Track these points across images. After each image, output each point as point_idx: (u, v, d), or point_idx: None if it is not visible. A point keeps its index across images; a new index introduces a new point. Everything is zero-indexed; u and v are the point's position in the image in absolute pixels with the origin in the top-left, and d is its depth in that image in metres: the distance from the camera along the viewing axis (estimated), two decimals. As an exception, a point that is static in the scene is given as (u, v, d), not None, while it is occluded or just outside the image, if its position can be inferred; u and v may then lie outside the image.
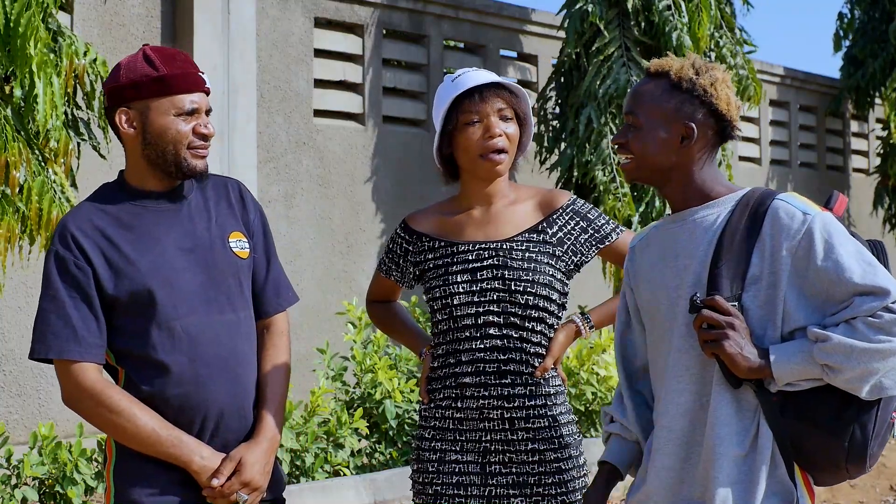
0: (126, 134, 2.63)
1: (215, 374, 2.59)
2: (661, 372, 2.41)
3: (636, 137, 2.40)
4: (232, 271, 2.66)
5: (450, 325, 2.87)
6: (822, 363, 2.23)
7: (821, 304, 2.27)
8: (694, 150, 2.38)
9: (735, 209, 2.35)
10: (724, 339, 2.25)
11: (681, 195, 2.42)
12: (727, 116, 2.39)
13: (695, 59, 2.42)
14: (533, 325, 2.84)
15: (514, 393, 2.82)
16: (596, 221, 2.92)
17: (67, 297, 2.54)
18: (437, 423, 2.90)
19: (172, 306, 2.56)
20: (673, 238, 2.42)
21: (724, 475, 2.28)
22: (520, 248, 2.85)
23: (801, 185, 12.68)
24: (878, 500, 6.89)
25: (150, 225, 2.61)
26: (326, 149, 8.33)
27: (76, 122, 5.21)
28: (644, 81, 2.44)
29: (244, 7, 7.69)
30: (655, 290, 2.43)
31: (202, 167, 2.65)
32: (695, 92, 2.37)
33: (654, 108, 2.39)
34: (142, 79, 2.59)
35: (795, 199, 2.33)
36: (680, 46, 8.28)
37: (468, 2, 9.15)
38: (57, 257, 2.57)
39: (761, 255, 2.29)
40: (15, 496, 4.98)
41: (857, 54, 12.91)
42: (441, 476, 2.87)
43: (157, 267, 2.57)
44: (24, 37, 4.48)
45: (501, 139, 2.84)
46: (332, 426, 5.88)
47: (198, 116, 2.63)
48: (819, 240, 2.26)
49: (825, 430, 2.26)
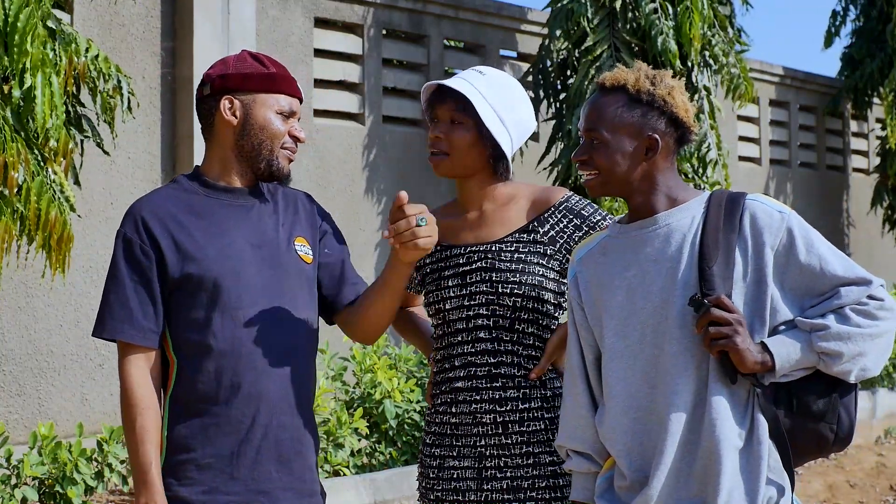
0: (225, 122, 2.67)
1: (272, 367, 2.60)
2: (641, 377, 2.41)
3: (601, 153, 2.44)
4: (296, 271, 2.69)
5: (444, 329, 2.86)
6: (819, 351, 2.32)
7: (800, 297, 2.37)
8: (659, 159, 2.44)
9: (708, 211, 2.40)
10: (735, 336, 2.29)
11: (647, 202, 2.46)
12: (686, 123, 2.45)
13: (646, 69, 2.47)
14: (524, 326, 2.80)
15: (506, 396, 2.78)
16: (591, 218, 2.85)
17: (129, 279, 2.58)
18: (436, 429, 2.88)
19: (237, 296, 2.59)
20: (643, 243, 2.45)
21: (727, 469, 2.31)
22: (509, 250, 2.81)
23: (800, 184, 12.68)
24: (878, 500, 6.89)
25: (221, 216, 2.66)
26: (326, 149, 8.33)
27: (79, 120, 5.21)
28: (598, 96, 2.48)
29: (244, 7, 7.69)
30: (632, 295, 2.43)
31: (288, 171, 2.72)
32: (654, 103, 2.43)
33: (617, 123, 2.43)
34: (253, 71, 2.67)
35: (767, 199, 2.41)
36: (665, 51, 8.27)
37: (468, 2, 9.15)
38: (125, 239, 2.61)
39: (744, 254, 2.36)
40: (15, 496, 4.98)
41: (854, 55, 12.92)
42: (441, 482, 2.85)
43: (226, 256, 2.60)
44: (21, 35, 4.48)
45: (438, 142, 2.83)
46: (332, 426, 5.88)
47: (293, 120, 2.71)
48: (799, 236, 2.35)
49: (816, 417, 2.36)
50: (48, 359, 6.71)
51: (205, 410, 2.58)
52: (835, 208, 13.26)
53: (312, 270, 2.74)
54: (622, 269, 2.47)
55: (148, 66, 7.26)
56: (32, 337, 6.62)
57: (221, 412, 2.57)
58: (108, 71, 5.20)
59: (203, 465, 2.57)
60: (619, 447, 2.45)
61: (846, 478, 7.20)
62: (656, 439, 2.39)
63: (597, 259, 2.53)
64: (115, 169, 6.95)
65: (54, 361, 6.75)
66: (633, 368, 2.43)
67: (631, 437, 2.44)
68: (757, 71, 11.83)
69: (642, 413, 2.42)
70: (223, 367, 2.57)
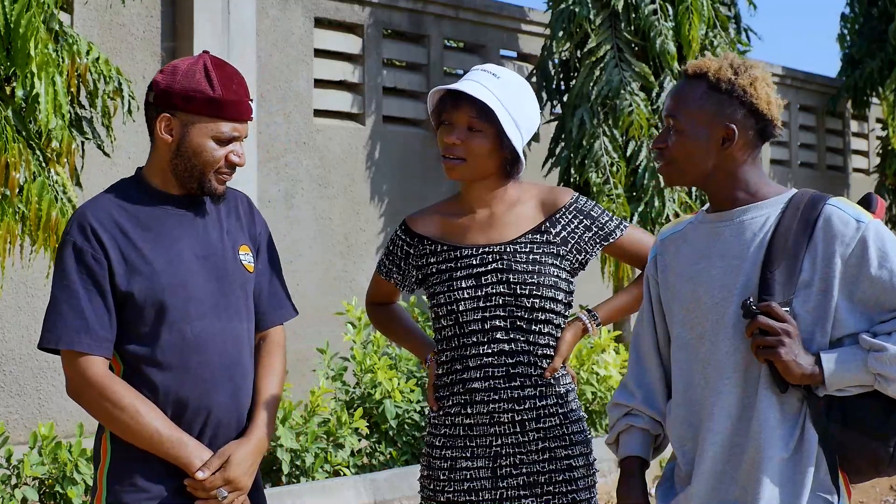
0: (160, 139, 2.61)
1: (218, 381, 2.59)
2: (699, 370, 2.39)
3: (678, 141, 2.39)
4: (240, 282, 2.67)
5: (455, 331, 2.85)
6: (875, 372, 2.25)
7: (869, 311, 2.29)
8: (735, 150, 2.37)
9: (785, 211, 2.34)
10: (780, 347, 2.25)
11: (725, 194, 2.41)
12: (767, 115, 2.38)
13: (733, 58, 2.41)
14: (540, 327, 2.82)
15: (523, 395, 2.80)
16: (600, 219, 2.90)
17: (82, 288, 2.53)
18: (447, 431, 2.87)
19: (184, 310, 2.56)
20: (717, 236, 2.41)
21: (770, 478, 2.28)
22: (524, 251, 2.83)
23: (801, 184, 12.68)
24: (878, 500, 6.88)
25: (168, 227, 2.61)
26: (326, 149, 8.33)
27: (80, 122, 5.21)
28: (682, 83, 2.43)
29: (244, 7, 7.69)
30: (697, 287, 2.41)
31: (222, 192, 2.65)
32: (734, 92, 2.36)
33: (694, 111, 2.37)
34: (195, 93, 2.56)
35: (848, 205, 2.33)
36: (664, 53, 8.26)
37: (468, 2, 9.15)
38: (75, 247, 2.55)
39: (812, 261, 2.30)
40: (15, 496, 4.98)
41: (854, 54, 12.91)
42: (452, 484, 2.85)
43: (173, 269, 2.57)
44: (24, 37, 4.48)
45: (454, 148, 2.81)
46: (332, 426, 5.88)
47: (234, 144, 2.62)
48: (873, 248, 2.27)
49: (871, 436, 2.28)
50: (48, 359, 6.71)
51: None
52: (835, 208, 13.26)
53: (253, 279, 2.72)
54: (695, 260, 2.44)
55: (148, 66, 7.26)
56: (33, 337, 6.62)
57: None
58: (109, 73, 5.20)
59: (148, 473, 2.56)
60: (674, 437, 2.45)
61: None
62: (703, 437, 2.37)
63: (678, 243, 2.50)
64: (116, 170, 6.94)
65: (54, 361, 6.75)
66: (691, 361, 2.41)
67: (686, 428, 2.43)
68: (757, 71, 11.83)
69: (696, 407, 2.41)
70: (169, 380, 2.56)
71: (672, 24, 8.37)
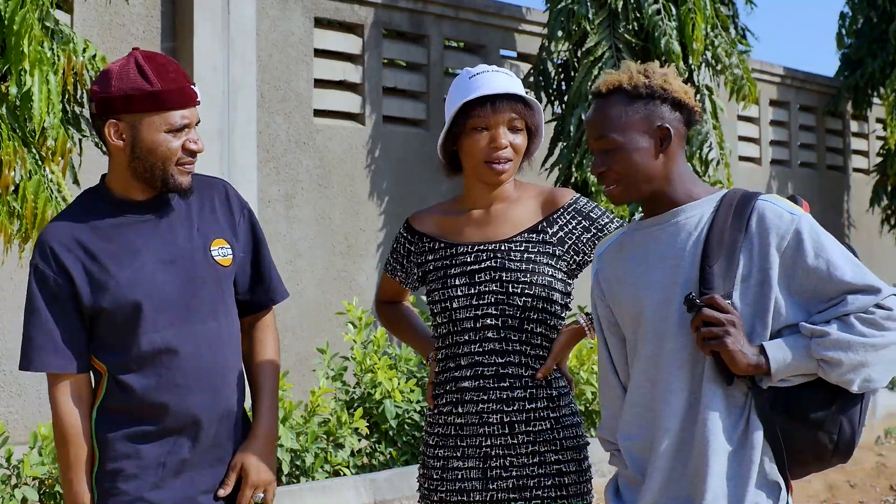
0: (114, 145, 2.59)
1: (194, 386, 2.60)
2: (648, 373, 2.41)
3: (618, 158, 2.40)
4: (213, 280, 2.65)
5: (449, 328, 2.84)
6: (819, 358, 2.27)
7: (806, 301, 2.32)
8: (674, 148, 2.41)
9: (719, 209, 2.38)
10: (726, 337, 2.27)
11: (662, 199, 2.44)
12: (689, 104, 2.43)
13: (634, 66, 2.45)
14: (532, 326, 2.79)
15: (513, 396, 2.78)
16: (599, 220, 2.87)
17: (48, 310, 2.58)
18: (439, 430, 2.87)
19: (153, 320, 2.57)
20: (654, 240, 2.44)
21: (717, 471, 2.30)
22: (518, 249, 2.81)
23: (800, 185, 12.68)
24: (878, 500, 6.88)
25: (130, 237, 2.60)
26: (326, 149, 8.33)
27: (77, 119, 5.21)
28: (600, 104, 2.44)
29: (244, 7, 7.69)
30: (638, 291, 2.43)
31: (187, 183, 2.62)
32: (654, 93, 2.40)
33: (625, 124, 2.40)
34: (134, 92, 2.53)
35: (780, 199, 2.37)
36: (668, 52, 8.26)
37: (468, 2, 9.15)
38: (37, 272, 2.60)
39: (749, 254, 2.33)
40: (15, 496, 4.98)
41: (852, 55, 12.92)
42: (444, 483, 2.84)
43: (137, 280, 2.57)
44: (18, 34, 4.47)
45: (507, 150, 2.80)
46: (332, 426, 5.89)
47: (188, 132, 2.59)
48: (808, 239, 2.31)
49: (815, 425, 2.30)
50: (48, 359, 6.71)
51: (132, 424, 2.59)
52: (835, 208, 13.26)
53: (231, 272, 2.70)
54: (634, 265, 2.46)
55: (148, 66, 7.26)
56: (32, 337, 6.62)
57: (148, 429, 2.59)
58: (108, 71, 5.20)
59: (129, 475, 2.59)
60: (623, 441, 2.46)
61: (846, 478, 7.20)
62: (654, 436, 2.39)
63: (614, 255, 2.52)
64: (116, 169, 6.95)
65: (54, 361, 6.75)
66: (638, 364, 2.43)
67: (636, 428, 2.44)
68: (757, 71, 11.83)
69: (642, 409, 2.42)
70: (146, 387, 2.57)
71: (675, 23, 8.38)
